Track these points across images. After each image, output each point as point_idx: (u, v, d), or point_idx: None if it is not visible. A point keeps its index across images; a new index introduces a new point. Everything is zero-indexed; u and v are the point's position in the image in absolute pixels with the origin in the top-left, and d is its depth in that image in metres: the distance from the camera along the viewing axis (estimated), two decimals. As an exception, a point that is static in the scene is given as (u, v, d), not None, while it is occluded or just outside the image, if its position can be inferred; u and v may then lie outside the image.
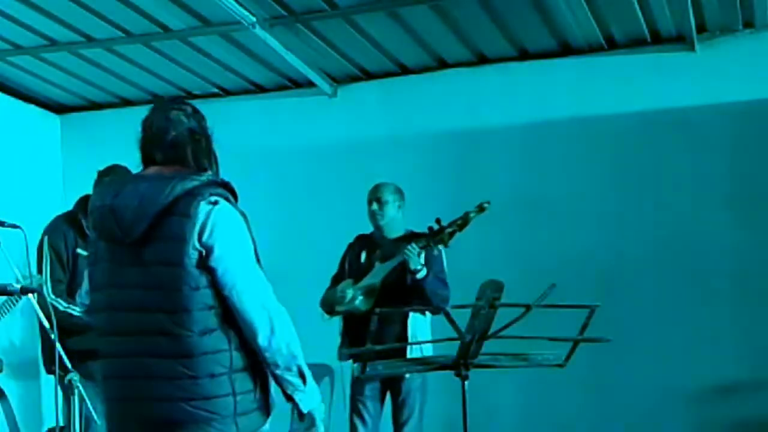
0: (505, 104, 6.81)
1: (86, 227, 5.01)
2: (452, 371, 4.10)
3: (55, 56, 6.57)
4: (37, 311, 4.07)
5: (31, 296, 4.01)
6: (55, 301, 4.90)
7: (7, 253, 4.33)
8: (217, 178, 3.01)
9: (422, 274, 5.04)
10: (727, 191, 6.36)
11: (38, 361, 5.29)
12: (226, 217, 2.90)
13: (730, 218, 6.32)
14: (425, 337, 5.09)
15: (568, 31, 6.37)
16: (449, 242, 5.04)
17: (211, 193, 2.90)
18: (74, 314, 4.96)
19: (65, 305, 4.96)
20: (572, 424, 6.44)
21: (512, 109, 6.79)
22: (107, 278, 2.98)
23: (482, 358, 4.08)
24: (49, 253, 5.01)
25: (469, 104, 6.89)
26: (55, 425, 4.76)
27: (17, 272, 4.34)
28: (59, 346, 3.77)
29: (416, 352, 4.97)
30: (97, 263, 3.04)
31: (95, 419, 4.19)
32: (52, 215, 5.33)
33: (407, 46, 6.59)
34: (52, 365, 4.13)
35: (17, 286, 3.67)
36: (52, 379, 4.34)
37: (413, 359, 4.85)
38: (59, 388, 4.00)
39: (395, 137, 6.96)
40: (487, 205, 5.03)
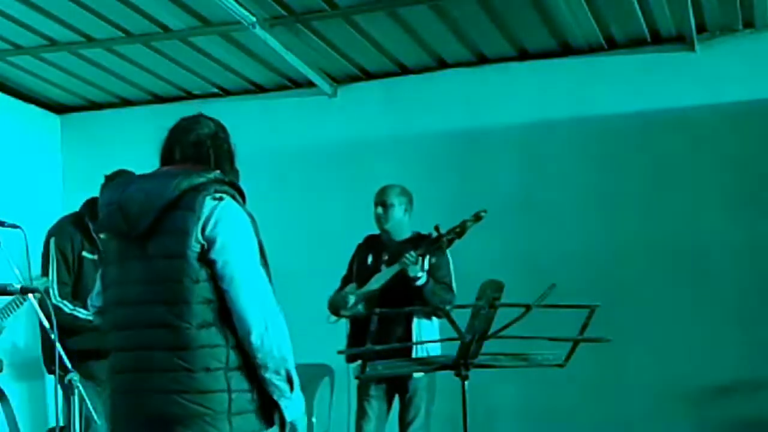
0: (505, 104, 6.81)
1: (93, 230, 5.03)
2: (452, 371, 4.10)
3: (55, 56, 6.57)
4: (37, 311, 4.07)
5: (31, 296, 4.01)
6: (60, 303, 4.89)
7: (7, 253, 4.33)
8: (225, 176, 3.03)
9: (422, 281, 5.04)
10: (726, 191, 6.36)
11: (41, 361, 5.28)
12: (230, 212, 2.93)
13: (729, 218, 6.33)
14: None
15: (568, 31, 6.38)
16: (448, 249, 5.05)
17: (216, 189, 2.94)
18: (80, 317, 4.96)
19: (71, 308, 4.95)
20: (572, 424, 6.44)
21: (512, 109, 6.79)
22: (116, 276, 3.04)
23: (482, 358, 4.08)
24: (55, 255, 5.00)
25: (469, 104, 6.89)
26: (55, 425, 4.77)
27: (18, 273, 4.33)
28: (59, 346, 3.77)
29: (422, 353, 4.96)
30: (108, 264, 3.10)
31: (95, 419, 4.19)
32: (52, 215, 5.33)
33: (407, 46, 6.59)
34: (52, 365, 4.12)
35: (17, 286, 3.67)
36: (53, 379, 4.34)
37: (414, 359, 4.86)
38: (59, 388, 4.01)
39: (395, 137, 6.96)
40: (483, 213, 5.02)
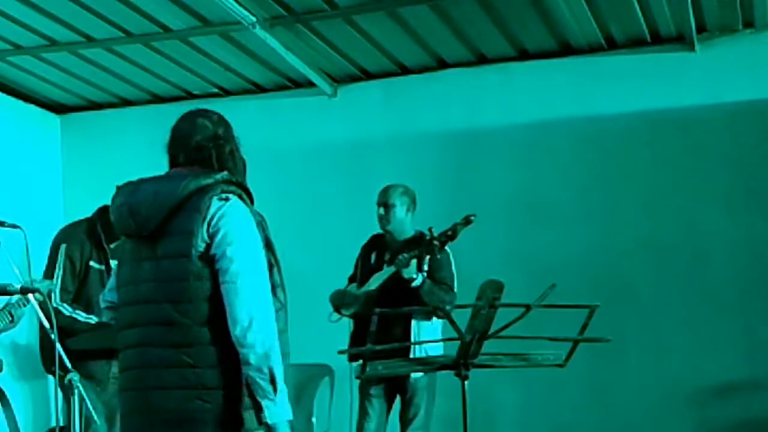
0: (505, 104, 6.81)
1: (103, 241, 5.04)
2: (452, 371, 4.10)
3: (55, 56, 6.57)
4: (37, 311, 4.07)
5: (31, 296, 4.01)
6: (60, 306, 4.89)
7: (7, 253, 4.34)
8: (233, 177, 3.08)
9: (417, 282, 5.05)
10: (726, 191, 6.36)
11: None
12: (233, 210, 2.98)
13: (729, 218, 6.32)
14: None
15: (568, 31, 6.37)
16: (440, 252, 5.04)
17: (223, 190, 2.99)
18: (79, 319, 4.97)
19: (70, 310, 4.96)
20: (572, 424, 6.44)
21: (512, 109, 6.79)
22: (129, 275, 3.11)
23: (482, 358, 4.08)
24: (64, 261, 5.00)
25: (469, 104, 6.89)
26: (55, 425, 4.77)
27: (18, 273, 4.33)
28: (59, 346, 3.77)
29: (420, 354, 4.96)
30: (123, 264, 3.17)
31: (95, 419, 4.19)
32: (52, 215, 5.32)
33: (407, 46, 6.59)
34: (51, 365, 4.13)
35: (17, 285, 3.67)
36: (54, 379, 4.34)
37: (413, 359, 4.86)
38: (59, 388, 4.01)
39: (395, 137, 6.96)
40: (473, 217, 5.01)
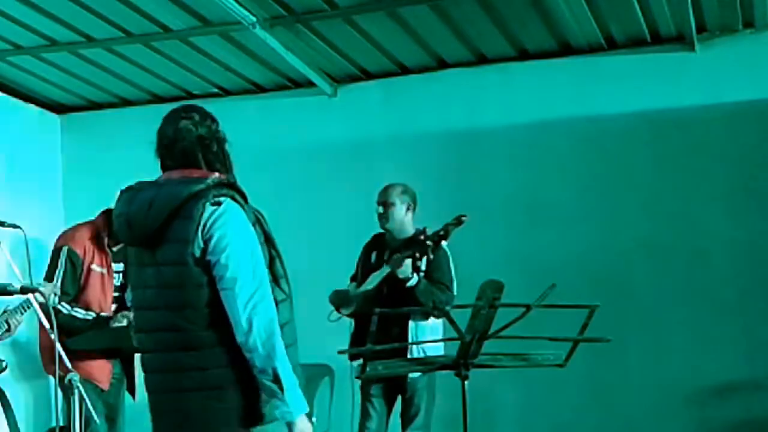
0: (505, 104, 6.81)
1: (106, 244, 5.05)
2: (452, 371, 4.10)
3: (55, 56, 6.56)
4: (37, 311, 4.07)
5: (31, 296, 4.01)
6: (58, 305, 4.90)
7: (7, 253, 4.33)
8: (224, 179, 3.11)
9: (413, 282, 5.05)
10: (726, 191, 6.35)
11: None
12: (226, 215, 3.02)
13: (729, 218, 6.32)
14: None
15: (568, 31, 6.37)
16: (434, 252, 5.04)
17: (215, 194, 3.03)
18: (78, 317, 4.98)
19: (69, 308, 4.98)
20: (572, 424, 6.44)
21: (512, 109, 6.79)
22: (136, 280, 3.22)
23: (482, 358, 4.08)
24: (65, 264, 5.01)
25: (469, 104, 6.88)
26: (55, 425, 4.77)
27: (18, 274, 4.33)
28: (59, 346, 3.78)
29: (418, 354, 4.96)
30: (131, 266, 3.29)
31: (95, 419, 4.20)
32: (52, 215, 5.31)
33: (407, 46, 6.58)
34: (51, 365, 4.13)
35: (17, 285, 3.68)
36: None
37: (413, 359, 4.87)
38: (59, 388, 4.01)
39: (395, 137, 6.96)
40: (464, 218, 5.01)
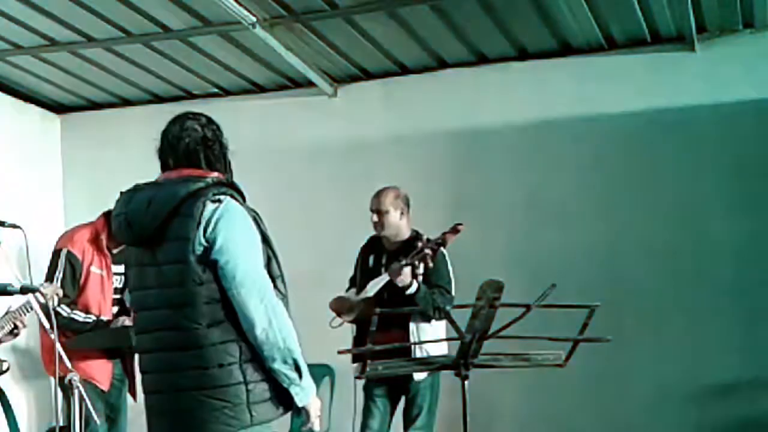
0: (505, 104, 6.81)
1: (105, 246, 5.06)
2: (452, 371, 4.11)
3: (55, 56, 6.56)
4: (37, 311, 4.07)
5: (31, 296, 4.01)
6: (58, 307, 4.90)
7: (7, 253, 4.33)
8: (223, 178, 3.15)
9: (412, 289, 5.04)
10: (726, 191, 6.35)
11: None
12: (228, 212, 3.05)
13: (729, 218, 6.31)
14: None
15: (568, 31, 6.37)
16: (432, 260, 5.03)
17: (214, 193, 3.06)
18: (77, 319, 4.98)
19: (68, 311, 4.98)
20: (572, 424, 6.44)
21: (512, 109, 6.79)
22: (136, 281, 3.24)
23: (482, 358, 4.09)
24: (65, 266, 5.01)
25: (469, 104, 6.88)
26: (55, 425, 4.76)
27: (18, 274, 4.33)
28: (59, 346, 3.78)
29: (421, 354, 4.95)
30: (130, 267, 3.30)
31: (95, 419, 4.20)
32: (52, 215, 5.31)
33: (407, 46, 6.58)
34: (51, 365, 4.14)
35: (17, 286, 3.68)
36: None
37: (414, 359, 4.87)
38: (59, 388, 4.01)
39: (395, 137, 6.96)
40: (461, 227, 4.99)
